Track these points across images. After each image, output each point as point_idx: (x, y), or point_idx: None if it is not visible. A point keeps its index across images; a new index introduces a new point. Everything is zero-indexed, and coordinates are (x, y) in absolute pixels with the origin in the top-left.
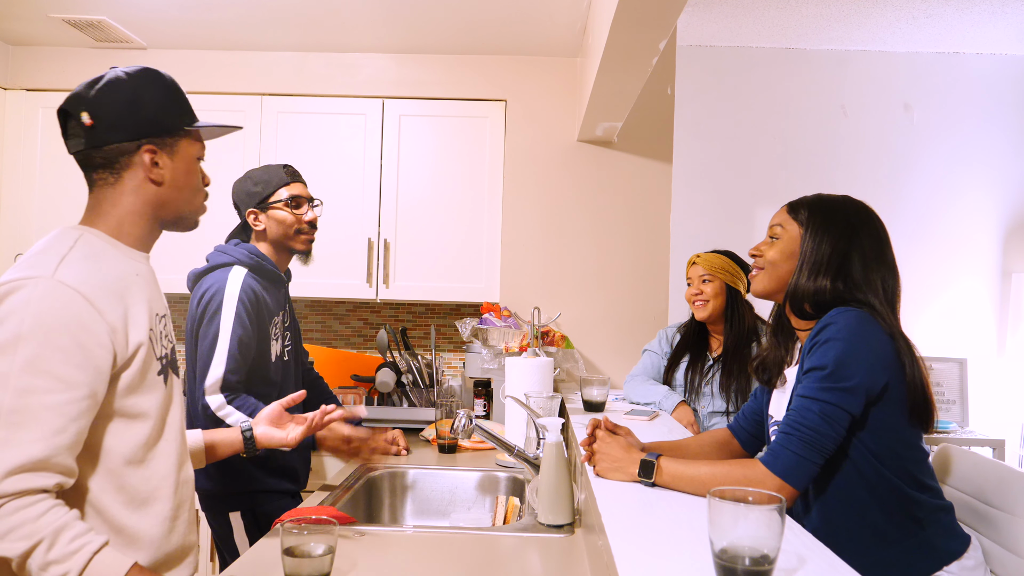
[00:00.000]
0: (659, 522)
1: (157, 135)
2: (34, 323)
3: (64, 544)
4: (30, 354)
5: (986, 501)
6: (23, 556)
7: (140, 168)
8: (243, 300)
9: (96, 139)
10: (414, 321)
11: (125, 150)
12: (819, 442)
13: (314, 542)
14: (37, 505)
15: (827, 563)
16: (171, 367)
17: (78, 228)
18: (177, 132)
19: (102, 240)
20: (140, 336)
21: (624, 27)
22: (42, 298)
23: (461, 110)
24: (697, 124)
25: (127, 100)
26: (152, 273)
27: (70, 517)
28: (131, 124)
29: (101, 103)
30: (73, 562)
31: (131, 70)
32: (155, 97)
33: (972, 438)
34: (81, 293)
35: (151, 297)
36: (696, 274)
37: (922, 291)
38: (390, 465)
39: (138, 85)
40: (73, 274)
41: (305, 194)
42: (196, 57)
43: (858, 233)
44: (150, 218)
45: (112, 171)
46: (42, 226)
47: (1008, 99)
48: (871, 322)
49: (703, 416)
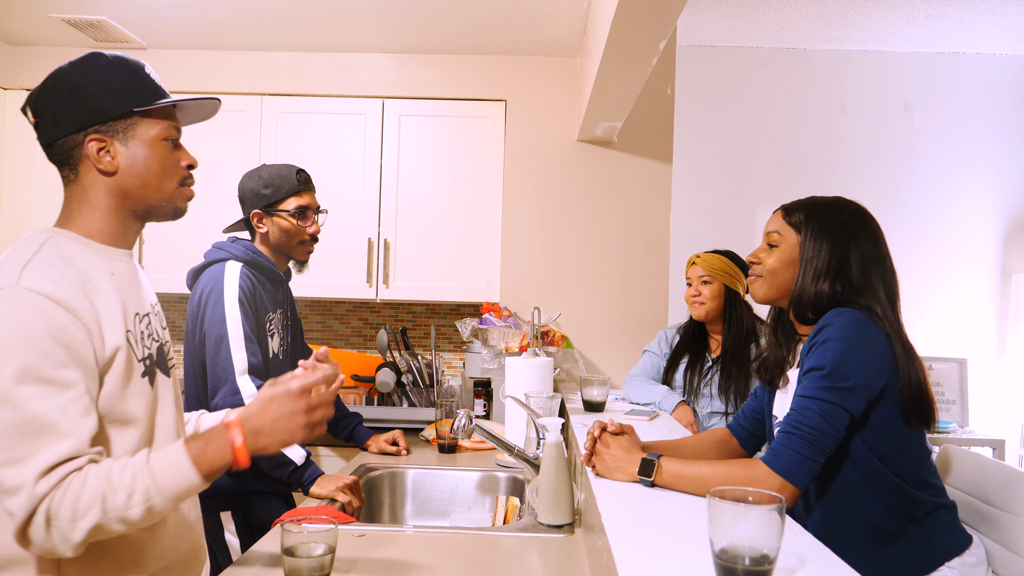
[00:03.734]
0: (659, 522)
1: (102, 122)
2: (13, 335)
3: (121, 481)
4: (17, 366)
5: (988, 501)
6: (108, 519)
7: (90, 159)
8: (241, 292)
9: (43, 136)
10: (414, 321)
11: (73, 143)
12: (820, 441)
13: (314, 542)
14: (77, 479)
15: (827, 563)
16: (159, 367)
17: (47, 231)
18: (126, 115)
19: (72, 241)
20: (116, 339)
21: (624, 27)
22: (15, 308)
23: (461, 110)
24: (697, 124)
25: (68, 91)
26: (133, 270)
27: (105, 464)
28: (73, 115)
29: (43, 98)
30: (139, 483)
31: (76, 59)
32: (98, 83)
33: (972, 438)
34: (49, 297)
35: (128, 296)
36: (695, 275)
37: (922, 291)
38: (390, 465)
39: (80, 73)
40: (38, 280)
41: (313, 205)
42: (196, 57)
43: (855, 235)
44: (119, 211)
45: (70, 167)
46: (42, 226)
47: (1008, 99)
48: (868, 323)
49: (702, 416)
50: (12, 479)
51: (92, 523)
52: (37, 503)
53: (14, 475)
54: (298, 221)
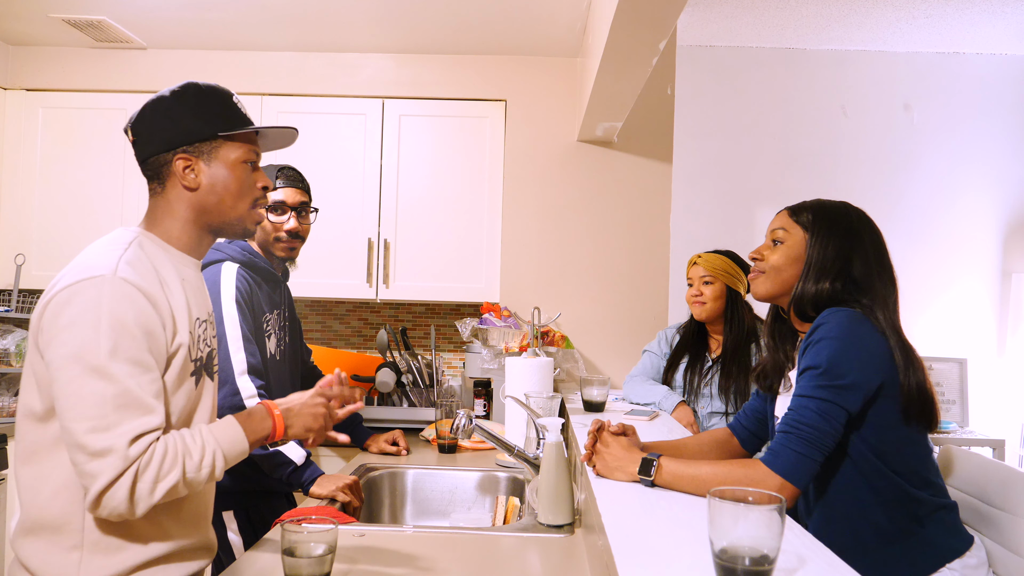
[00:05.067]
0: (659, 522)
1: (190, 143)
2: (110, 318)
3: (195, 444)
4: (112, 344)
5: (988, 502)
6: (184, 479)
7: (177, 176)
8: (238, 292)
9: (140, 152)
10: (414, 321)
11: (163, 160)
12: (818, 439)
13: (314, 542)
14: (159, 445)
15: (827, 563)
16: (205, 369)
17: (134, 230)
18: (212, 138)
19: (154, 244)
20: (182, 336)
21: (624, 27)
22: (112, 294)
23: (461, 110)
24: (697, 124)
25: (164, 115)
26: (199, 279)
27: (175, 432)
28: (166, 136)
29: (142, 121)
30: (208, 446)
31: (175, 87)
32: (191, 108)
33: (972, 438)
34: (139, 288)
35: (193, 302)
36: (697, 275)
37: (922, 291)
38: (390, 465)
39: (177, 100)
40: (130, 271)
41: (291, 200)
42: (196, 57)
43: (861, 237)
44: (196, 224)
45: (159, 181)
46: (42, 226)
47: (1008, 99)
48: (863, 321)
49: (702, 416)
50: (100, 442)
51: (172, 483)
52: (128, 465)
53: (103, 439)
54: (270, 215)
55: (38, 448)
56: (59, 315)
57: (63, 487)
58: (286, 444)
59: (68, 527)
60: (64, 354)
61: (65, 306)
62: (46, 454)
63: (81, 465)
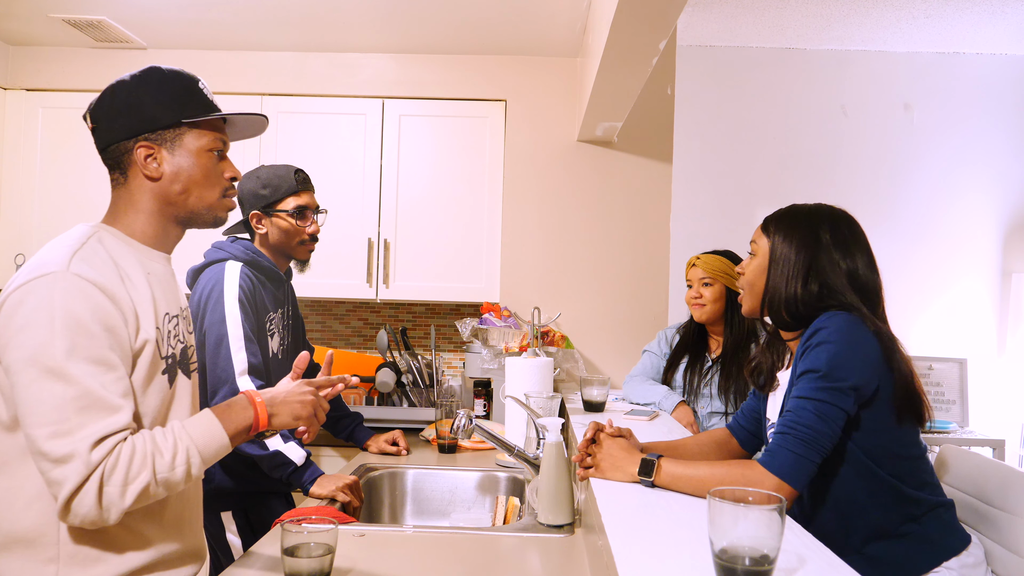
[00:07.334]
0: (659, 522)
1: (152, 130)
2: (65, 316)
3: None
4: (69, 344)
5: (987, 501)
6: (155, 480)
7: (138, 165)
8: (242, 292)
9: (99, 140)
10: (414, 321)
11: (124, 149)
12: (816, 440)
13: (314, 542)
14: (126, 447)
15: (827, 563)
16: (180, 367)
17: (94, 225)
18: (175, 125)
19: (116, 238)
20: (147, 333)
21: (624, 27)
22: (64, 291)
23: (461, 110)
24: (697, 124)
25: (125, 101)
26: (169, 273)
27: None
28: (126, 123)
29: (101, 106)
30: (180, 444)
31: (137, 71)
32: (152, 94)
33: (972, 438)
34: (95, 283)
35: (160, 296)
36: (696, 276)
37: (922, 291)
38: (390, 465)
39: (136, 85)
40: (85, 267)
41: (312, 204)
42: (196, 57)
43: (820, 236)
44: (161, 216)
45: (120, 171)
46: (42, 226)
47: (1008, 99)
48: (860, 325)
49: (702, 417)
50: (62, 448)
51: (143, 486)
52: (92, 470)
53: (64, 444)
54: (297, 221)
55: (8, 459)
56: (13, 317)
57: (35, 498)
58: (286, 445)
59: (42, 539)
60: (20, 357)
61: (18, 307)
62: (16, 465)
63: (46, 473)
